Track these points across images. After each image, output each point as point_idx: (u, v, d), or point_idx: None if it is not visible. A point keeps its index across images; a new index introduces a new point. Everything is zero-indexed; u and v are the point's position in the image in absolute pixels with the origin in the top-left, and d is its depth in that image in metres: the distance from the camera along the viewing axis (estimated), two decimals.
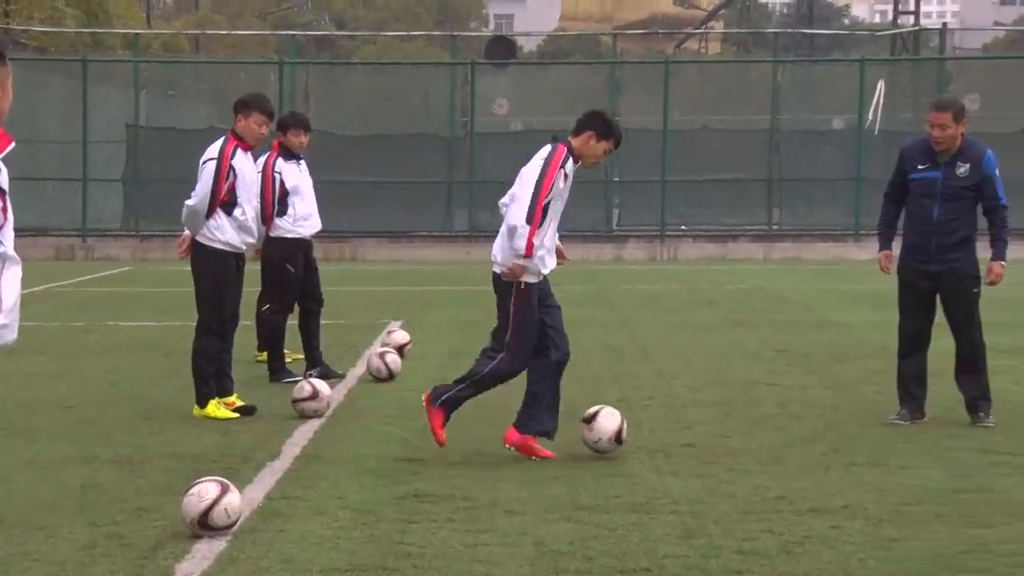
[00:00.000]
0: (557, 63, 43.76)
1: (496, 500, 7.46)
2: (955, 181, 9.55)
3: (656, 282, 23.44)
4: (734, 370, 12.55)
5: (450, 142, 31.08)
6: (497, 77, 34.19)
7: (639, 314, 17.87)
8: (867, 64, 32.49)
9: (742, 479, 7.97)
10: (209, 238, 9.98)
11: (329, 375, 11.65)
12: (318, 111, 31.04)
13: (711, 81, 35.29)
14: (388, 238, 30.32)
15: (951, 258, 9.60)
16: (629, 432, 9.39)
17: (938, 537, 6.66)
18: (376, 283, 23.19)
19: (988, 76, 35.63)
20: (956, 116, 9.52)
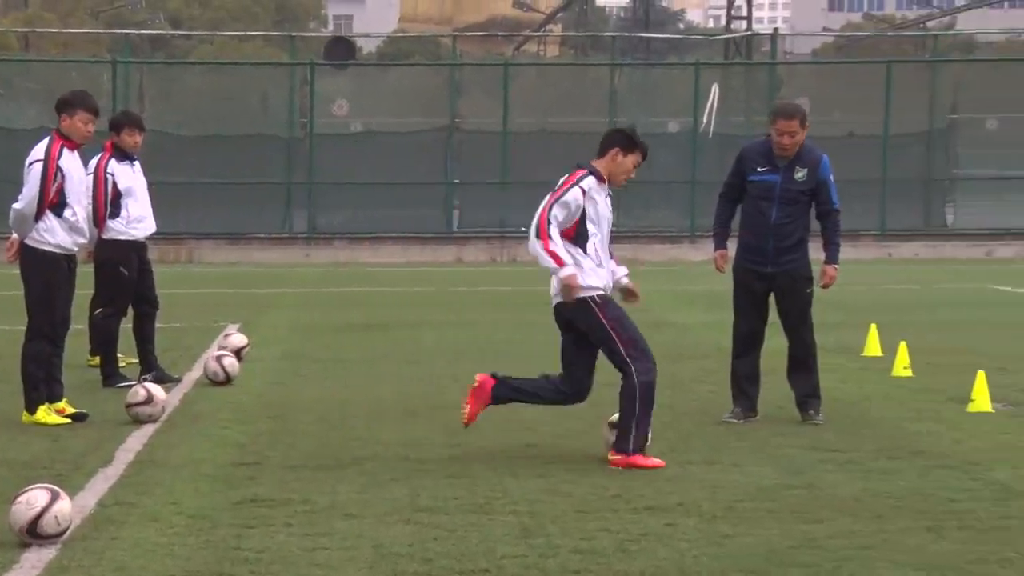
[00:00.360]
0: (397, 64, 43.71)
1: (335, 503, 7.41)
2: (793, 185, 9.72)
3: (496, 284, 23.53)
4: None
5: (289, 143, 30.83)
6: (336, 78, 34.00)
7: (479, 315, 17.92)
8: (701, 68, 33.01)
9: (580, 479, 8.03)
10: (39, 240, 9.76)
11: (164, 379, 11.47)
12: (153, 111, 30.59)
13: (550, 83, 35.52)
14: (226, 240, 29.95)
15: (786, 260, 9.76)
16: (470, 433, 9.42)
17: (769, 533, 6.78)
18: (213, 285, 22.90)
19: (817, 80, 36.48)
20: (803, 123, 9.69)
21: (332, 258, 29.35)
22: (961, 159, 33.33)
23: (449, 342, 14.91)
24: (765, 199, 9.74)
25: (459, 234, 30.93)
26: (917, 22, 67.54)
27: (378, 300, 20.21)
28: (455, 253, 30.08)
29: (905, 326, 15.40)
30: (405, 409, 10.48)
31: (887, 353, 12.90)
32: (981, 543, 6.54)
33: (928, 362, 12.56)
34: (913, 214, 31.89)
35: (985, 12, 76.41)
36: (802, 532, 6.78)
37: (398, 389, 11.51)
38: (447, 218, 31.04)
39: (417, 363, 13.22)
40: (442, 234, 30.66)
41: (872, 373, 12.29)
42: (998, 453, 8.67)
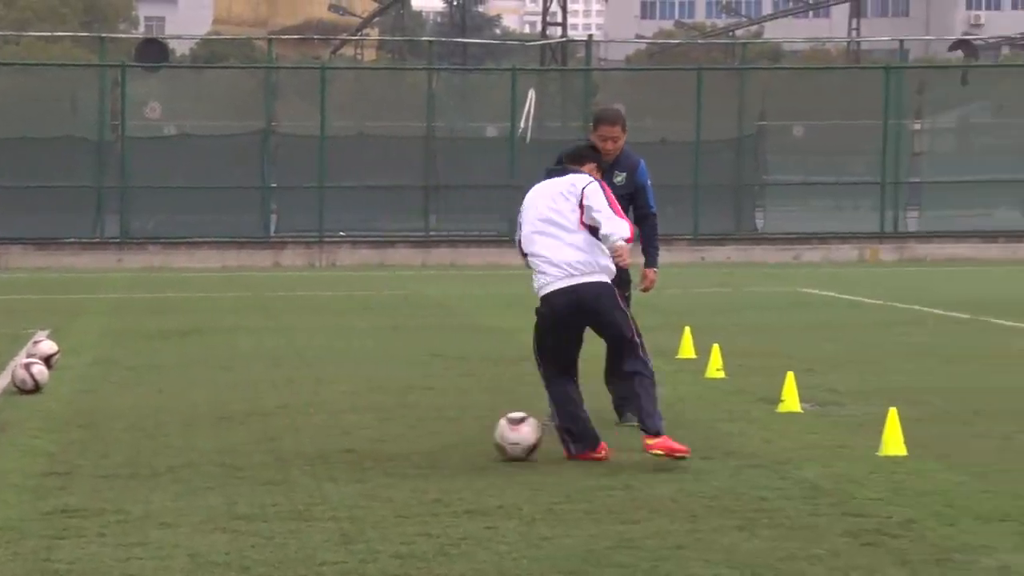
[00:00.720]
0: (211, 67, 43.09)
1: (149, 512, 7.28)
2: (613, 189, 9.82)
3: (314, 288, 23.38)
4: (392, 375, 12.61)
5: (100, 146, 30.19)
6: (148, 80, 33.43)
7: (297, 321, 17.78)
8: (518, 73, 33.23)
9: (400, 483, 8.02)
10: None
11: None
12: None
13: (367, 87, 35.40)
14: (34, 245, 29.20)
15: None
16: (288, 439, 9.36)
17: (587, 534, 6.86)
18: (21, 292, 22.31)
19: (631, 87, 37.05)
20: (623, 127, 9.82)
21: (146, 263, 28.83)
22: (770, 165, 34.16)
23: (266, 348, 14.75)
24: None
25: (276, 239, 30.63)
26: (726, 30, 69.06)
27: (193, 305, 19.92)
28: (272, 258, 29.79)
29: (718, 329, 15.71)
30: (221, 416, 10.34)
31: (700, 355, 13.14)
32: (791, 540, 6.70)
33: (740, 364, 12.82)
34: (725, 219, 32.56)
35: (791, 21, 78.44)
36: (619, 532, 6.87)
37: (214, 395, 11.35)
38: (264, 222, 30.73)
39: (233, 369, 13.05)
40: (259, 238, 30.33)
41: (686, 375, 12.50)
42: (807, 452, 8.89)
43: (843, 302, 20.73)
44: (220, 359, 13.72)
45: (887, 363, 13.40)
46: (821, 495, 7.68)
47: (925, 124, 35.87)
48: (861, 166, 34.13)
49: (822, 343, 15.13)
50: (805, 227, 32.93)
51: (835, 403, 10.94)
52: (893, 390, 11.40)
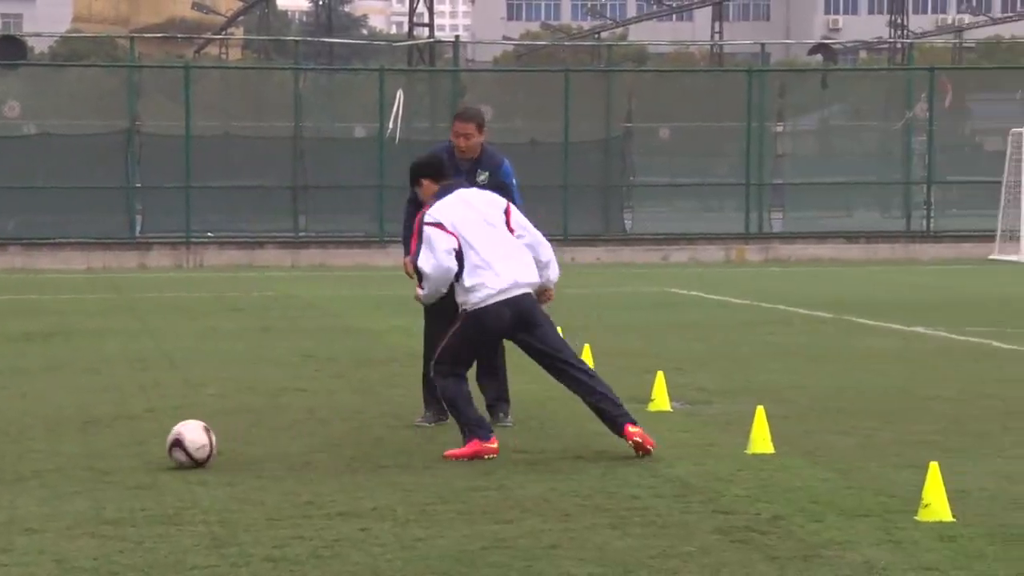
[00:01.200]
0: (72, 65, 42.36)
1: (14, 518, 7.13)
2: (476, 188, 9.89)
3: (182, 290, 23.09)
4: (262, 377, 12.51)
5: None
6: (7, 79, 32.80)
7: (164, 322, 17.54)
8: (386, 74, 33.16)
9: (271, 486, 7.95)
10: None
11: None
12: None
13: (233, 87, 35.08)
14: None
15: None
16: (157, 443, 9.22)
17: (461, 534, 6.86)
18: None
19: (499, 88, 37.16)
20: (479, 126, 9.90)
21: (7, 264, 28.27)
22: (637, 167, 34.49)
23: (133, 350, 14.54)
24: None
25: (142, 239, 30.22)
26: (592, 32, 69.61)
27: (58, 307, 19.56)
28: (138, 259, 29.38)
29: (588, 329, 15.82)
30: (87, 419, 10.17)
31: None
32: (662, 538, 6.77)
33: (611, 363, 12.89)
34: (594, 220, 32.82)
35: (655, 24, 79.32)
36: (493, 532, 6.88)
37: (80, 399, 11.15)
38: (129, 223, 30.30)
39: (99, 372, 12.84)
40: (125, 239, 29.89)
41: None
42: (677, 450, 8.99)
43: (711, 302, 21.01)
44: (86, 362, 13.49)
45: (754, 362, 13.60)
46: (692, 493, 7.77)
47: (787, 126, 36.52)
48: (726, 168, 34.65)
49: (691, 342, 15.31)
50: (673, 228, 33.31)
51: (704, 402, 11.08)
52: (760, 389, 11.58)
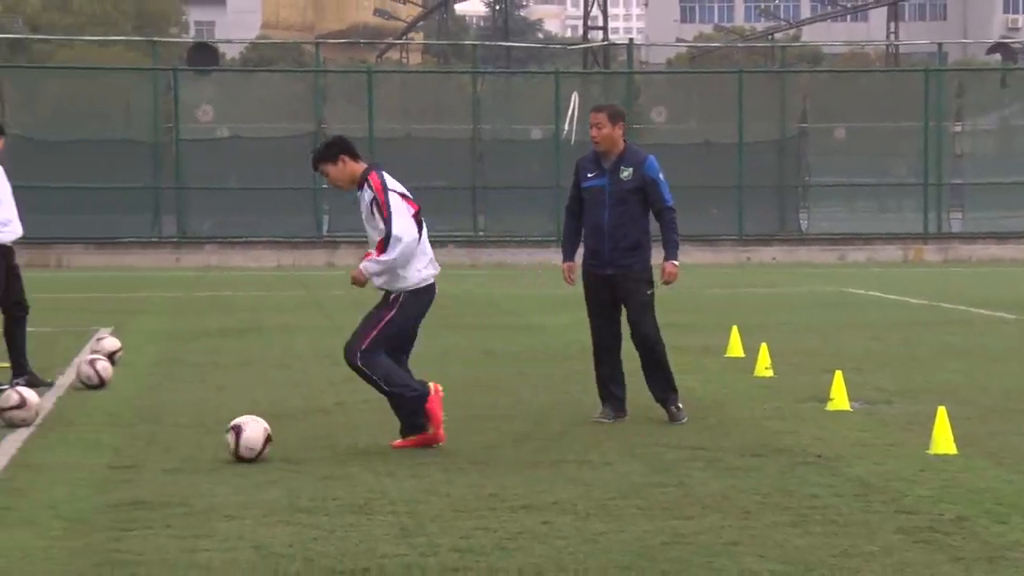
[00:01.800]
0: (261, 70, 43.32)
1: (214, 505, 7.33)
2: (620, 185, 9.81)
3: (368, 287, 23.39)
4: (446, 372, 12.60)
5: (155, 148, 30.40)
6: (200, 83, 33.63)
7: (351, 319, 17.75)
8: (561, 77, 33.24)
9: (457, 478, 8.04)
10: None
11: (37, 383, 11.24)
12: (15, 115, 29.92)
13: (414, 91, 35.50)
14: (94, 244, 29.45)
15: (622, 262, 9.83)
16: (347, 435, 9.39)
17: (641, 529, 6.85)
18: (83, 290, 22.49)
19: (673, 90, 36.95)
20: (611, 116, 9.75)
21: (203, 262, 29.01)
22: (813, 167, 34.02)
23: (322, 346, 14.80)
24: (598, 202, 9.83)
25: (329, 238, 30.78)
26: (765, 33, 68.80)
27: (251, 304, 20.01)
28: (326, 257, 29.93)
29: (765, 328, 15.66)
30: (280, 412, 10.38)
31: (749, 354, 13.11)
32: (843, 537, 6.67)
33: (788, 363, 12.79)
34: (769, 220, 32.47)
35: (828, 25, 78.09)
36: (672, 528, 6.86)
37: (272, 393, 11.40)
38: (317, 222, 30.87)
39: (290, 367, 13.12)
40: (313, 238, 30.46)
41: (735, 373, 12.48)
42: (857, 450, 8.85)
43: (888, 302, 20.64)
44: (278, 357, 13.79)
45: (933, 362, 13.32)
46: (872, 492, 7.64)
47: (965, 126, 35.66)
48: (903, 167, 33.98)
49: (869, 342, 15.06)
50: (849, 228, 32.81)
51: (884, 402, 10.88)
52: (940, 389, 11.35)
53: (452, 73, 39.53)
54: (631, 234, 9.80)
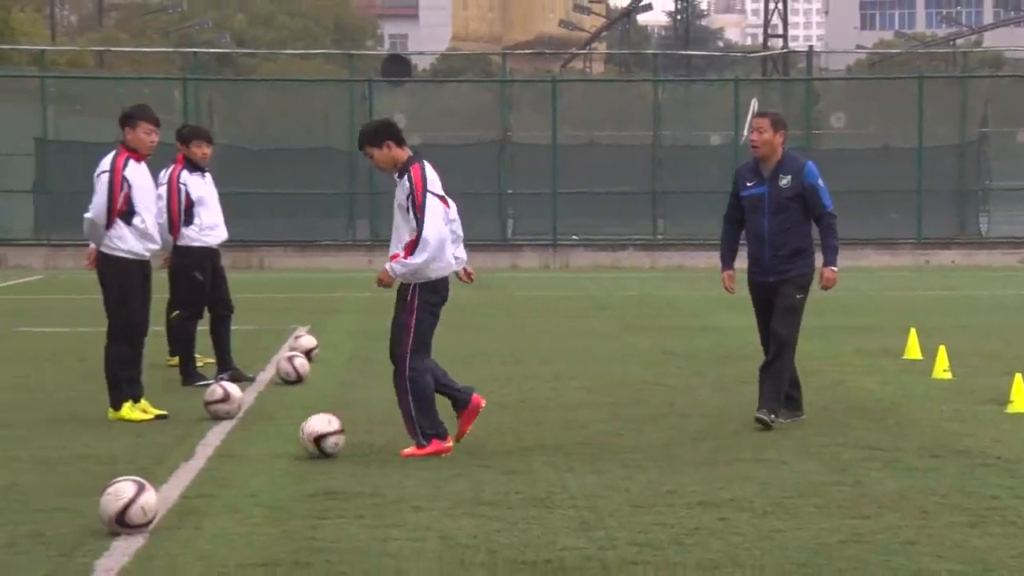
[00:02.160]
0: (451, 81, 43.78)
1: (403, 497, 7.43)
2: (780, 193, 9.61)
3: (550, 289, 23.52)
4: (626, 372, 12.63)
5: (351, 155, 30.93)
6: (393, 94, 34.15)
7: (534, 319, 17.91)
8: (740, 84, 32.90)
9: (635, 474, 8.01)
10: (111, 247, 9.84)
11: (240, 378, 11.53)
12: (222, 125, 30.77)
13: (596, 99, 35.50)
14: (294, 247, 30.12)
15: (783, 269, 9.61)
16: (529, 431, 9.43)
17: (818, 528, 6.75)
18: (283, 290, 23.01)
19: (852, 96, 36.29)
20: (774, 123, 9.59)
21: None
22: (993, 171, 33.06)
23: (506, 345, 14.91)
24: (757, 210, 9.64)
25: (513, 241, 30.99)
26: (947, 39, 67.10)
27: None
28: (510, 259, 30.13)
29: (943, 331, 15.28)
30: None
31: (927, 356, 12.81)
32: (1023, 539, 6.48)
33: (967, 365, 12.46)
34: (948, 223, 31.68)
35: (1012, 30, 75.81)
36: (849, 527, 6.74)
37: None
38: (502, 226, 31.10)
39: (474, 365, 13.22)
40: (497, 241, 30.70)
41: (912, 375, 12.20)
42: None
43: None
44: (463, 355, 13.89)
45: None
46: None
47: None
48: None
49: None
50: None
51: None
52: None
53: (633, 81, 39.39)
54: (791, 241, 9.60)
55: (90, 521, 6.72)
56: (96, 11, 66.84)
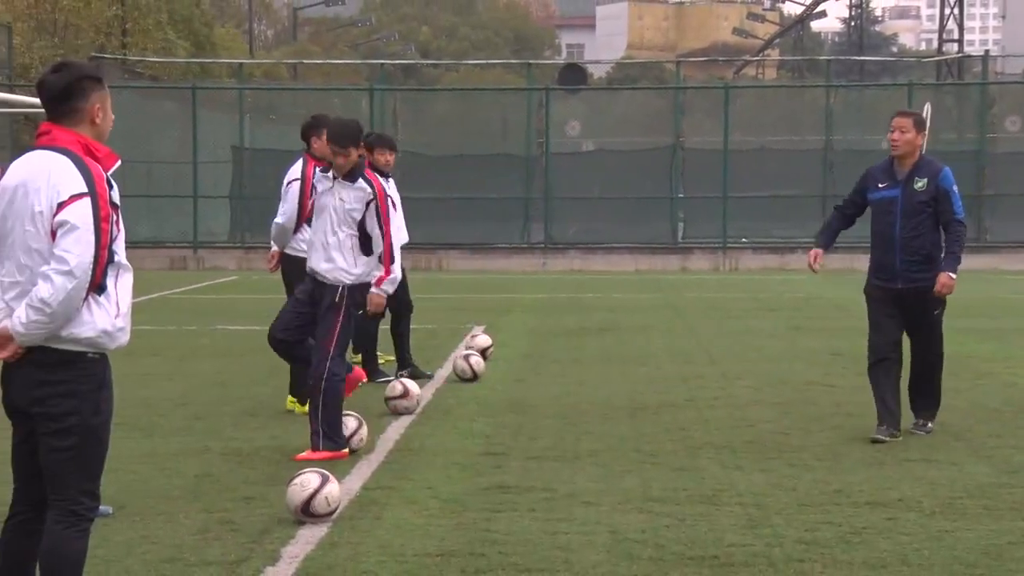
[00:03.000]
0: (625, 88, 43.67)
1: (574, 492, 7.43)
2: (914, 196, 9.02)
3: (719, 291, 23.30)
4: (793, 372, 12.44)
5: (527, 161, 31.09)
6: (569, 101, 34.19)
7: (704, 320, 17.76)
8: (914, 88, 32.14)
9: (802, 473, 7.89)
10: (297, 250, 10.05)
11: (418, 375, 11.67)
12: (406, 133, 31.17)
13: (768, 105, 35.04)
14: (471, 250, 30.38)
15: (914, 276, 9.01)
16: (697, 429, 9.34)
17: (988, 529, 6.56)
18: (460, 291, 23.22)
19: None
20: (917, 124, 9.14)
21: (567, 266, 29.51)
22: None
23: (676, 345, 14.81)
24: (888, 213, 9.07)
25: (684, 244, 30.78)
26: None
27: (609, 305, 20.20)
28: (680, 262, 29.93)
29: None
30: (635, 406, 10.45)
31: None
32: None
33: None
34: None
35: None
36: (1020, 529, 6.54)
37: (628, 388, 11.47)
38: (673, 229, 30.92)
39: (646, 364, 13.17)
40: (668, 244, 30.53)
41: None
42: None
43: None
44: (634, 355, 13.86)
45: None
46: None
47: None
48: None
49: None
50: None
51: None
52: None
53: (806, 87, 38.76)
54: (923, 247, 9.00)
55: (277, 510, 6.87)
56: (291, 26, 68.46)
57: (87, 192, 4.53)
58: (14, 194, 4.60)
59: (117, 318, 4.63)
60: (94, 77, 4.69)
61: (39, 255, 4.55)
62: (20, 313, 4.53)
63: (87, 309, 4.56)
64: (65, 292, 4.48)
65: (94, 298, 4.57)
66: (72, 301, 4.51)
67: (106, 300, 4.61)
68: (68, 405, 4.57)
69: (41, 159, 4.61)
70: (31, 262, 4.56)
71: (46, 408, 4.58)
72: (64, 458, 4.59)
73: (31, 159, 4.65)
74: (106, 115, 4.71)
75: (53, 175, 4.55)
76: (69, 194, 4.52)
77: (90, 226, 4.51)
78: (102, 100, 4.69)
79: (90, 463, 4.64)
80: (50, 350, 4.57)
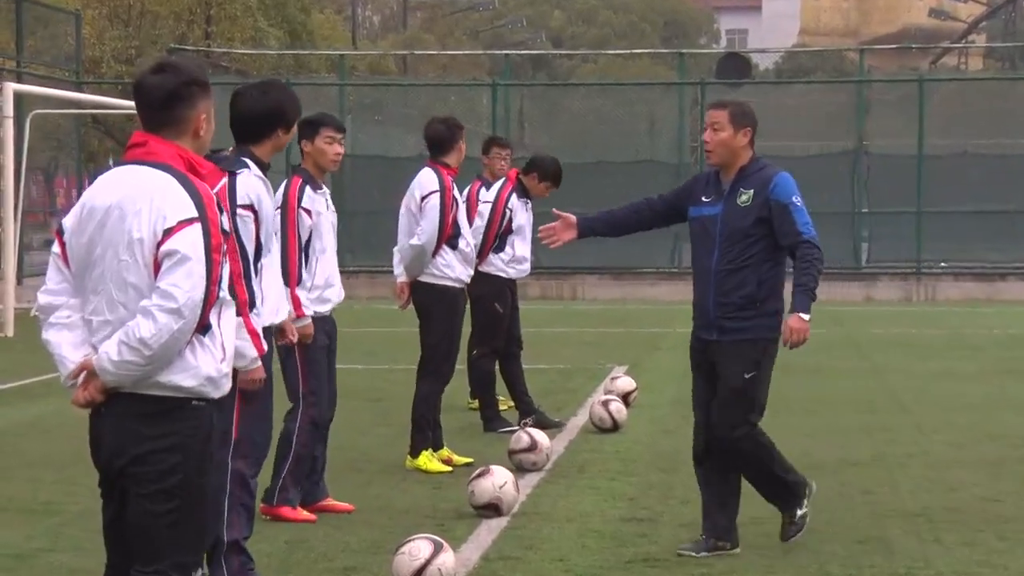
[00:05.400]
0: (797, 81, 43.39)
1: (734, 568, 7.36)
2: (736, 215, 7.71)
3: (912, 325, 23.00)
4: (1004, 424, 12.23)
5: (678, 168, 31.02)
6: (730, 97, 34.02)
7: (893, 361, 17.54)
8: None
9: (1017, 549, 7.75)
10: (439, 276, 10.12)
11: (546, 424, 11.67)
12: (534, 135, 31.34)
13: (973, 101, 34.53)
14: (611, 275, 30.38)
15: (728, 325, 7.91)
16: (885, 493, 9.22)
17: None
18: (598, 324, 23.22)
19: None
20: (735, 118, 7.66)
21: None
22: None
23: (858, 390, 14.64)
24: (707, 237, 7.83)
25: (868, 269, 30.43)
26: None
27: None
28: (864, 290, 29.60)
29: None
30: (808, 463, 10.28)
31: None
32: None
33: None
34: None
35: None
36: None
37: (800, 442, 11.29)
38: (855, 251, 30.58)
39: (819, 413, 13.03)
40: (849, 269, 30.18)
41: None
42: None
43: None
44: (807, 401, 13.73)
45: None
46: None
47: None
48: None
49: None
50: None
51: None
52: None
53: (1018, 80, 38.16)
54: (743, 285, 7.74)
55: None
56: (400, 11, 69.24)
57: (197, 217, 4.52)
58: (106, 216, 4.58)
59: (223, 362, 4.63)
60: (202, 82, 4.70)
61: (135, 291, 4.53)
62: (111, 349, 4.51)
63: (190, 351, 4.56)
64: (170, 333, 4.46)
65: (198, 339, 4.56)
66: (176, 344, 4.49)
67: (211, 341, 4.61)
68: (171, 461, 4.55)
69: (139, 176, 4.59)
70: (125, 298, 4.54)
71: (146, 467, 4.54)
72: (161, 524, 4.57)
73: (126, 175, 4.63)
74: (210, 126, 4.73)
75: (157, 197, 4.53)
76: (177, 219, 4.51)
77: (201, 257, 4.49)
78: (208, 109, 4.70)
79: (189, 531, 4.63)
80: (150, 398, 4.54)
